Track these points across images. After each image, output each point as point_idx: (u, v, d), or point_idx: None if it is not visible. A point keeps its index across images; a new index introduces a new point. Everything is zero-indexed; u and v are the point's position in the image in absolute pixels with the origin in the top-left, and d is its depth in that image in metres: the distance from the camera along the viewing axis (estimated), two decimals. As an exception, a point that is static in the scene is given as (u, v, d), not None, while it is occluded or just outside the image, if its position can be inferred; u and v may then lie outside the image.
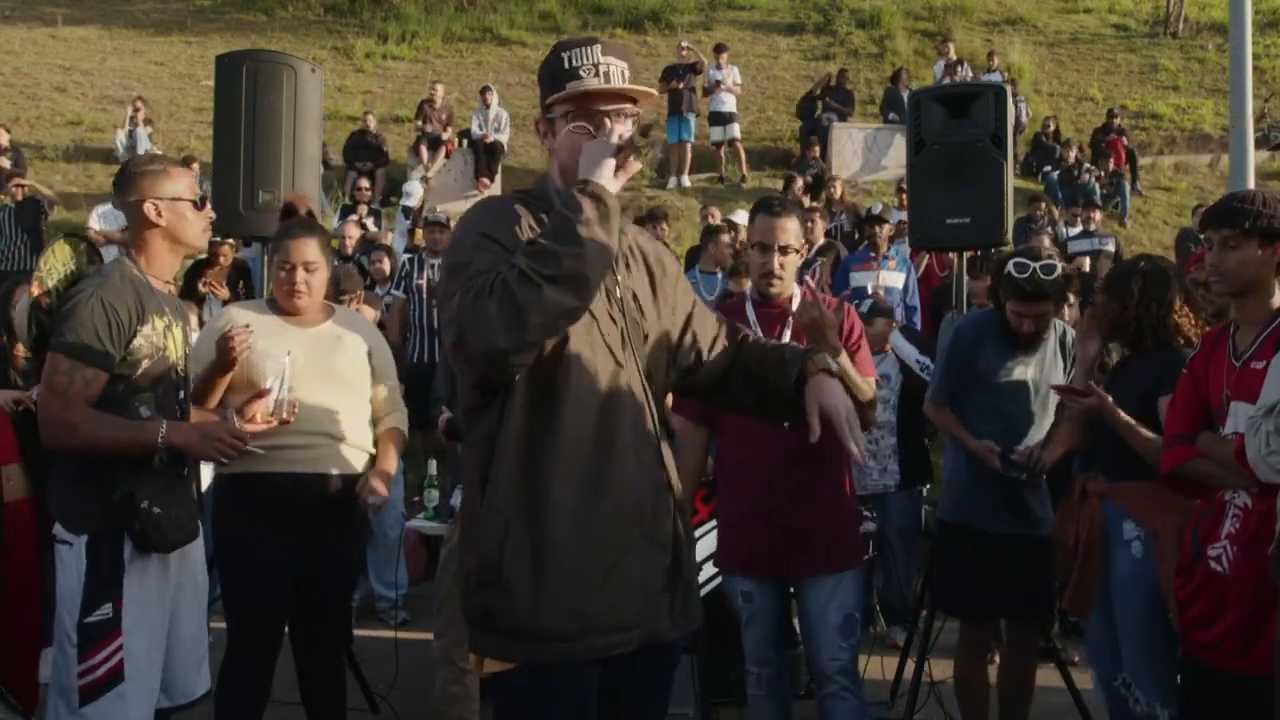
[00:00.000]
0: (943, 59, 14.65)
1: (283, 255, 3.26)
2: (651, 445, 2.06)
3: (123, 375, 2.59)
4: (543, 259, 1.81)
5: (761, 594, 3.22)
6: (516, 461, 1.95)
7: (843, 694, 3.12)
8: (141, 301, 2.62)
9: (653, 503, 2.04)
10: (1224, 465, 2.55)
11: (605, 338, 2.01)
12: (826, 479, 3.17)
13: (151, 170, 2.75)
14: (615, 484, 1.97)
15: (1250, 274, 2.63)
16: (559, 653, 1.94)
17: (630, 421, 2.01)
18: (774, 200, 3.27)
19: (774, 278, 3.18)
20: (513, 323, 1.79)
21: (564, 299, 1.80)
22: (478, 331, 1.81)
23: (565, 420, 1.95)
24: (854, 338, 3.22)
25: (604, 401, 1.98)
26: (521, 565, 1.93)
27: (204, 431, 2.64)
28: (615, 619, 1.96)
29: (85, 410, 2.53)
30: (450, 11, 18.34)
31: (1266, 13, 16.52)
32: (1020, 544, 3.46)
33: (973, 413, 3.57)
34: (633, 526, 1.99)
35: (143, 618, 2.60)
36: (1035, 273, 3.38)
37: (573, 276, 1.80)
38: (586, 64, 2.00)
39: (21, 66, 16.27)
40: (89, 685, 2.53)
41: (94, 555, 2.56)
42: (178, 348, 2.74)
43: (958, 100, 4.35)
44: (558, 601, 1.93)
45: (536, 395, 1.96)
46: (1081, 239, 10.09)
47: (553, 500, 1.93)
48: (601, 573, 1.95)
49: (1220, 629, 2.60)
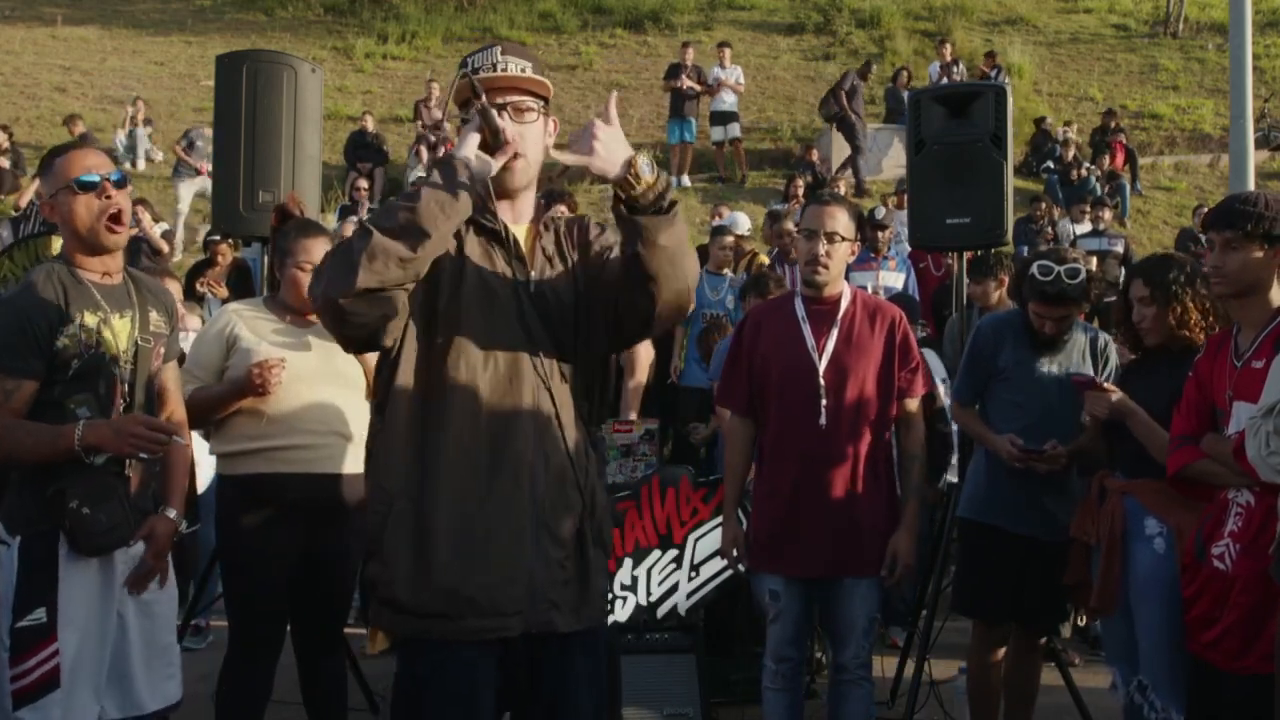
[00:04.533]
0: (938, 60, 14.59)
1: (300, 256, 3.24)
2: (560, 448, 2.13)
3: (55, 378, 2.52)
4: (381, 213, 2.00)
5: (789, 593, 3.21)
6: (406, 440, 2.07)
7: (859, 682, 3.20)
8: (66, 301, 2.54)
9: (553, 499, 2.10)
10: (1227, 465, 2.56)
11: (508, 332, 2.10)
12: (868, 478, 3.18)
13: (44, 166, 2.63)
14: (506, 471, 2.06)
15: (1251, 276, 2.63)
16: (436, 631, 2.03)
17: (530, 412, 2.09)
18: (825, 191, 3.30)
19: (820, 265, 3.18)
20: (341, 268, 1.92)
21: (392, 246, 1.90)
22: (316, 281, 1.98)
23: (454, 407, 2.05)
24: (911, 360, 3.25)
25: (500, 392, 2.08)
26: (402, 543, 2.04)
27: (116, 427, 2.49)
28: (494, 604, 2.03)
29: (5, 423, 2.45)
30: (450, 11, 18.35)
31: (1266, 13, 16.53)
32: (1039, 547, 3.44)
33: (995, 411, 3.57)
34: (522, 515, 2.07)
35: (79, 621, 2.51)
36: (1059, 276, 3.36)
37: (405, 226, 1.91)
38: (486, 64, 2.13)
39: (21, 66, 16.27)
40: (20, 690, 2.45)
41: (26, 557, 2.49)
42: (120, 340, 2.62)
43: (958, 100, 4.34)
44: (434, 581, 2.02)
45: (424, 381, 2.07)
46: (1090, 238, 10.07)
47: (439, 484, 2.04)
48: (482, 557, 2.03)
49: (1221, 628, 2.60)
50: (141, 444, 2.50)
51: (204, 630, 5.04)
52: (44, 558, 2.50)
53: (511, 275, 2.13)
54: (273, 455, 3.14)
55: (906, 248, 8.05)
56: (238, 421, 3.16)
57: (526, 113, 2.14)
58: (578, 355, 2.18)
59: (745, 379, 3.30)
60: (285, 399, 3.15)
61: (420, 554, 2.03)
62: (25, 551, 2.50)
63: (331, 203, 12.00)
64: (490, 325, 2.08)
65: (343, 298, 1.90)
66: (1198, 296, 3.05)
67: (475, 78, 2.06)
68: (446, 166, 1.98)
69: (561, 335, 2.16)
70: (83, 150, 2.65)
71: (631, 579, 4.03)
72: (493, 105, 2.06)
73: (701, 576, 4.08)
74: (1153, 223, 13.23)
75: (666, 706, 3.83)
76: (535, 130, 2.16)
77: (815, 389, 3.16)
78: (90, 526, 2.49)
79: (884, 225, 7.85)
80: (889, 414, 3.24)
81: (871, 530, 3.17)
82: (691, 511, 4.12)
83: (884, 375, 3.22)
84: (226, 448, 3.21)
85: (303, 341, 3.22)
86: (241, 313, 3.30)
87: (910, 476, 3.25)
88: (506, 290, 2.11)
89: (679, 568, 4.08)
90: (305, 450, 3.15)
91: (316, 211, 4.47)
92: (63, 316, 2.53)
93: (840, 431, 3.16)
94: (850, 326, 3.23)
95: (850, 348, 3.20)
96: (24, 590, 2.48)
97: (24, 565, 2.49)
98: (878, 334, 3.24)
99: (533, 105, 2.16)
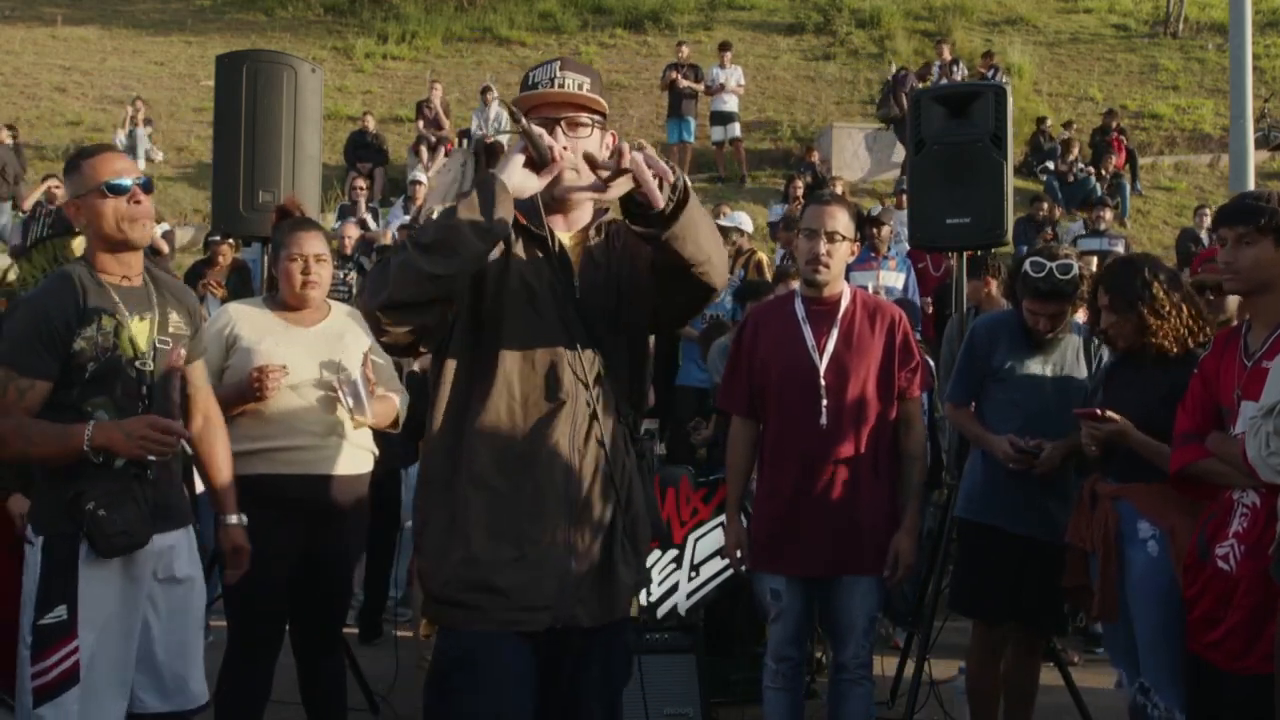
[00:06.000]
0: (937, 61, 14.54)
1: (293, 248, 3.25)
2: (597, 445, 2.16)
3: (72, 380, 2.53)
4: (421, 230, 2.06)
5: (791, 592, 3.22)
6: (445, 434, 2.14)
7: (860, 681, 3.21)
8: (85, 304, 2.54)
9: (586, 492, 2.14)
10: (1233, 464, 2.54)
11: (549, 335, 2.14)
12: (869, 478, 3.18)
13: (71, 168, 2.65)
14: (542, 468, 2.11)
15: (1264, 272, 2.61)
16: (465, 621, 2.09)
17: (569, 413, 2.14)
18: (825, 191, 3.30)
19: (820, 264, 3.19)
20: (378, 281, 1.99)
21: (424, 262, 1.94)
22: (360, 293, 2.09)
23: (493, 405, 2.11)
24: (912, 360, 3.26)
25: (539, 392, 2.13)
26: (439, 534, 2.12)
27: (127, 430, 2.50)
28: (525, 598, 2.07)
29: (17, 421, 2.47)
30: (450, 11, 18.35)
31: (1266, 13, 16.54)
32: (1038, 547, 3.43)
33: (990, 410, 3.57)
34: (557, 512, 2.11)
35: (99, 620, 2.53)
36: (1051, 272, 3.39)
37: (439, 245, 1.95)
38: (545, 78, 2.17)
39: (21, 66, 16.27)
40: (41, 688, 2.48)
41: (49, 556, 2.52)
42: (138, 344, 2.63)
43: (958, 100, 4.34)
44: (464, 574, 2.08)
45: (467, 380, 2.14)
46: (1091, 238, 10.07)
47: (473, 474, 2.10)
48: (514, 552, 2.08)
49: (1224, 628, 2.59)
50: (150, 445, 2.50)
51: (204, 630, 5.03)
52: (65, 558, 2.52)
53: (556, 282, 2.16)
54: (272, 456, 3.14)
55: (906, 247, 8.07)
56: (237, 422, 3.15)
57: (580, 127, 2.17)
58: (619, 355, 2.22)
59: (746, 380, 3.31)
60: (284, 400, 3.15)
61: (456, 545, 2.09)
62: (47, 551, 2.53)
63: (331, 202, 11.99)
64: (532, 328, 2.13)
65: (379, 310, 1.97)
66: (1162, 301, 3.04)
67: (525, 94, 2.13)
68: (485, 188, 2.00)
69: (604, 338, 2.19)
70: (110, 154, 2.67)
71: (631, 579, 4.03)
72: (547, 119, 2.10)
73: (701, 576, 4.09)
74: (1153, 223, 13.23)
75: (666, 706, 3.83)
76: (590, 144, 2.16)
77: (816, 389, 3.17)
78: (106, 528, 2.50)
79: (882, 222, 7.87)
80: (890, 414, 3.24)
81: (872, 530, 3.17)
82: (691, 511, 4.13)
83: (884, 375, 3.22)
84: (226, 448, 3.21)
85: (302, 341, 3.22)
86: (241, 312, 3.30)
87: (910, 476, 3.26)
88: (550, 296, 2.15)
89: (679, 568, 4.08)
90: (304, 451, 3.16)
91: (316, 211, 4.47)
92: (81, 318, 2.54)
93: (841, 431, 3.16)
94: (850, 326, 3.23)
95: (850, 348, 3.21)
96: (46, 588, 2.51)
97: (46, 564, 2.52)
98: (878, 334, 3.24)
99: (587, 120, 2.18)
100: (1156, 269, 3.13)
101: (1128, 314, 3.08)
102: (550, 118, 2.12)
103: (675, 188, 1.97)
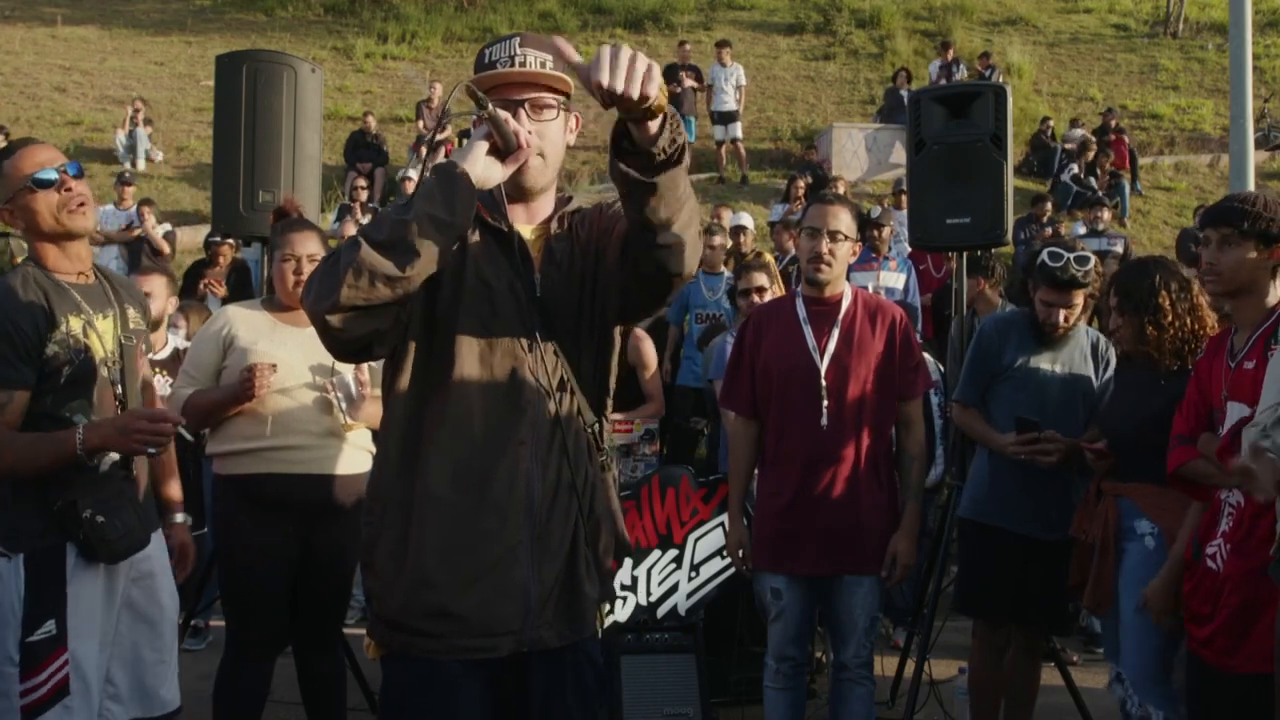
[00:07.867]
0: (939, 60, 14.58)
1: (287, 249, 3.26)
2: (558, 447, 1.99)
3: (46, 389, 2.45)
4: (373, 225, 1.83)
5: (791, 592, 3.22)
6: (399, 446, 1.96)
7: (861, 681, 3.22)
8: (50, 305, 2.46)
9: (549, 505, 1.97)
10: (1214, 464, 2.58)
11: (508, 336, 1.97)
12: (870, 478, 3.19)
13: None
14: (501, 482, 1.93)
15: (1245, 275, 2.63)
16: (420, 648, 1.93)
17: (530, 421, 1.96)
18: (827, 191, 3.31)
19: (822, 262, 3.20)
20: (327, 282, 1.78)
21: (379, 262, 1.76)
22: (305, 292, 1.85)
23: (450, 415, 1.93)
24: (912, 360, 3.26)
25: (498, 400, 1.95)
26: (389, 555, 1.94)
27: (120, 425, 2.43)
28: (484, 624, 1.92)
29: (1, 436, 2.39)
30: (450, 11, 18.36)
31: (1266, 13, 16.55)
32: (1040, 547, 3.44)
33: (999, 409, 3.57)
34: (518, 529, 1.94)
35: (89, 628, 2.48)
36: (1069, 262, 3.40)
37: (394, 242, 1.77)
38: (504, 56, 1.98)
39: (21, 66, 16.27)
40: (31, 705, 2.39)
41: (33, 572, 2.41)
42: (107, 340, 2.56)
43: (958, 100, 4.34)
44: (419, 598, 1.91)
45: (421, 387, 1.96)
46: (1090, 238, 10.07)
47: (428, 493, 1.92)
48: (473, 573, 1.91)
49: (1212, 627, 2.61)
50: (148, 438, 2.45)
51: (204, 630, 5.04)
52: (53, 571, 2.44)
53: (515, 278, 1.99)
54: (269, 456, 3.14)
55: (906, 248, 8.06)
56: (234, 422, 3.16)
57: (545, 110, 1.98)
58: (582, 358, 2.05)
59: (747, 380, 3.31)
60: (281, 400, 3.15)
61: (409, 568, 1.92)
62: (32, 567, 2.43)
63: (331, 203, 12.00)
64: (490, 329, 1.96)
65: (327, 314, 1.78)
66: (1165, 312, 3.07)
67: (484, 75, 1.94)
68: (445, 176, 1.81)
69: (565, 337, 2.03)
70: (32, 147, 2.55)
71: (631, 579, 4.04)
72: (509, 101, 1.92)
73: (701, 576, 4.09)
74: (1153, 223, 13.24)
75: (666, 706, 3.83)
76: (555, 128, 2.00)
77: (817, 390, 3.17)
78: (107, 534, 2.45)
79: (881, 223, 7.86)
80: (890, 414, 3.24)
81: (873, 529, 3.18)
82: (691, 511, 4.13)
83: (885, 375, 3.23)
84: (223, 448, 3.21)
85: (299, 342, 3.22)
86: (238, 314, 3.30)
87: (910, 476, 3.26)
88: (509, 293, 1.98)
89: (679, 568, 4.08)
90: (301, 451, 3.15)
91: (316, 211, 4.47)
92: (50, 322, 2.46)
93: (842, 431, 3.17)
94: (851, 327, 3.24)
95: (851, 348, 3.21)
96: (33, 604, 2.42)
97: (31, 581, 2.42)
98: (879, 334, 3.24)
99: (552, 102, 1.99)
100: (1168, 277, 3.15)
101: (1131, 318, 3.13)
102: (512, 99, 1.93)
103: (674, 141, 1.72)
